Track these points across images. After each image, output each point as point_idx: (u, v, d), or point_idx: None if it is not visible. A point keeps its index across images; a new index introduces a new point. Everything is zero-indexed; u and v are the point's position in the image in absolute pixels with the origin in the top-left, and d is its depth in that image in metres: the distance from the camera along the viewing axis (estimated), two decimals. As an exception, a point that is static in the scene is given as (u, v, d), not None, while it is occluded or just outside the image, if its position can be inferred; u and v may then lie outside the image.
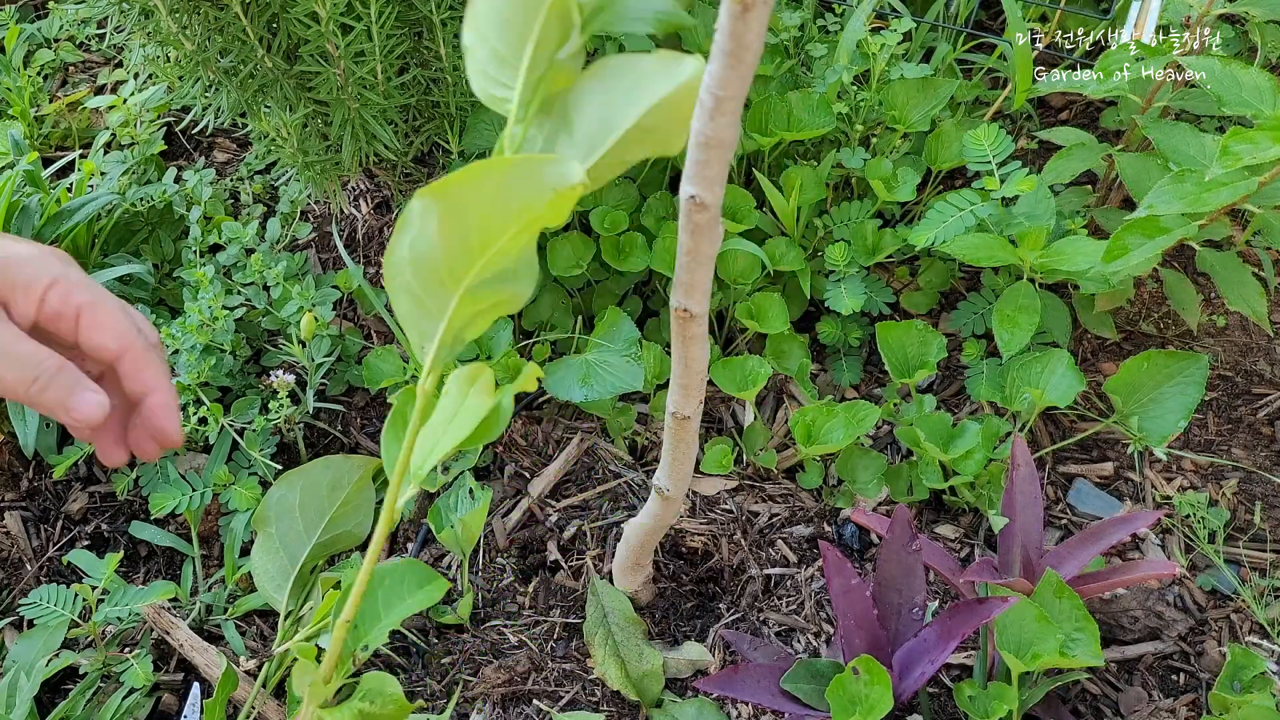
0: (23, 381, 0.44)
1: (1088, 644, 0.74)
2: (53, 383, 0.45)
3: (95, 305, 0.46)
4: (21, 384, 0.44)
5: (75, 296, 0.46)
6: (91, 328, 0.47)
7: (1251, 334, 1.18)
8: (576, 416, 1.16)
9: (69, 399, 0.45)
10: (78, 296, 0.46)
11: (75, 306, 0.46)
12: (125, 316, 0.48)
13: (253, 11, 0.96)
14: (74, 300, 0.46)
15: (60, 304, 0.46)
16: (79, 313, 0.46)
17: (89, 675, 0.93)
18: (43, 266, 0.46)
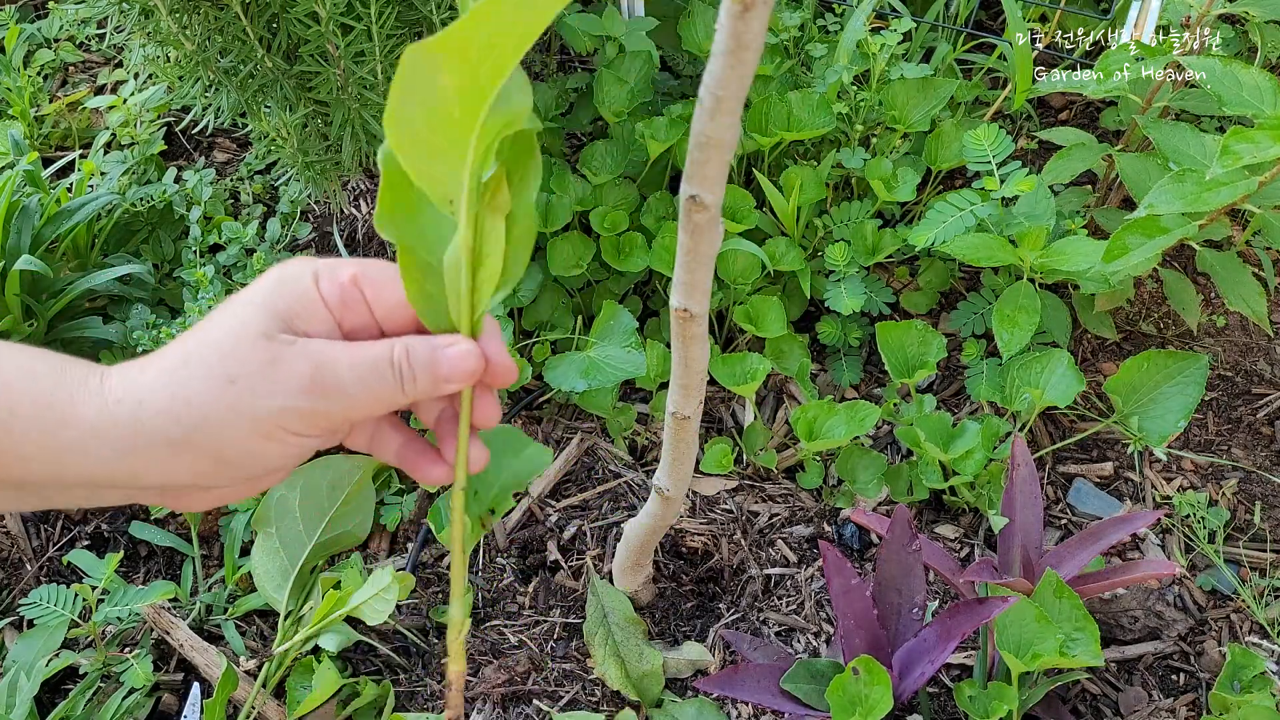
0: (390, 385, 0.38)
1: (1087, 644, 0.74)
2: (415, 365, 0.39)
3: (364, 268, 0.40)
4: (391, 389, 0.38)
5: (342, 273, 0.40)
6: (379, 293, 0.40)
7: (1251, 334, 1.18)
8: (576, 416, 1.16)
9: (439, 369, 0.39)
10: (344, 272, 0.40)
11: (350, 279, 0.40)
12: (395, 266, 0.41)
13: (253, 11, 0.96)
14: (343, 277, 0.39)
15: (337, 290, 0.39)
16: (358, 285, 0.40)
17: (89, 675, 0.93)
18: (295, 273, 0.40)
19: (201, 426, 0.37)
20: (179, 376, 0.37)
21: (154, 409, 0.37)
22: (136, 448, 0.37)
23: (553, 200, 1.10)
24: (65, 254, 1.18)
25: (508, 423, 1.15)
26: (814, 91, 1.09)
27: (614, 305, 1.04)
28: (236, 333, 0.37)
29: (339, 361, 0.38)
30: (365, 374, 0.38)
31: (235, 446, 0.37)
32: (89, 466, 0.37)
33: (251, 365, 0.37)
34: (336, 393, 0.38)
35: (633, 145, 1.14)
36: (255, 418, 0.37)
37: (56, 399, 0.37)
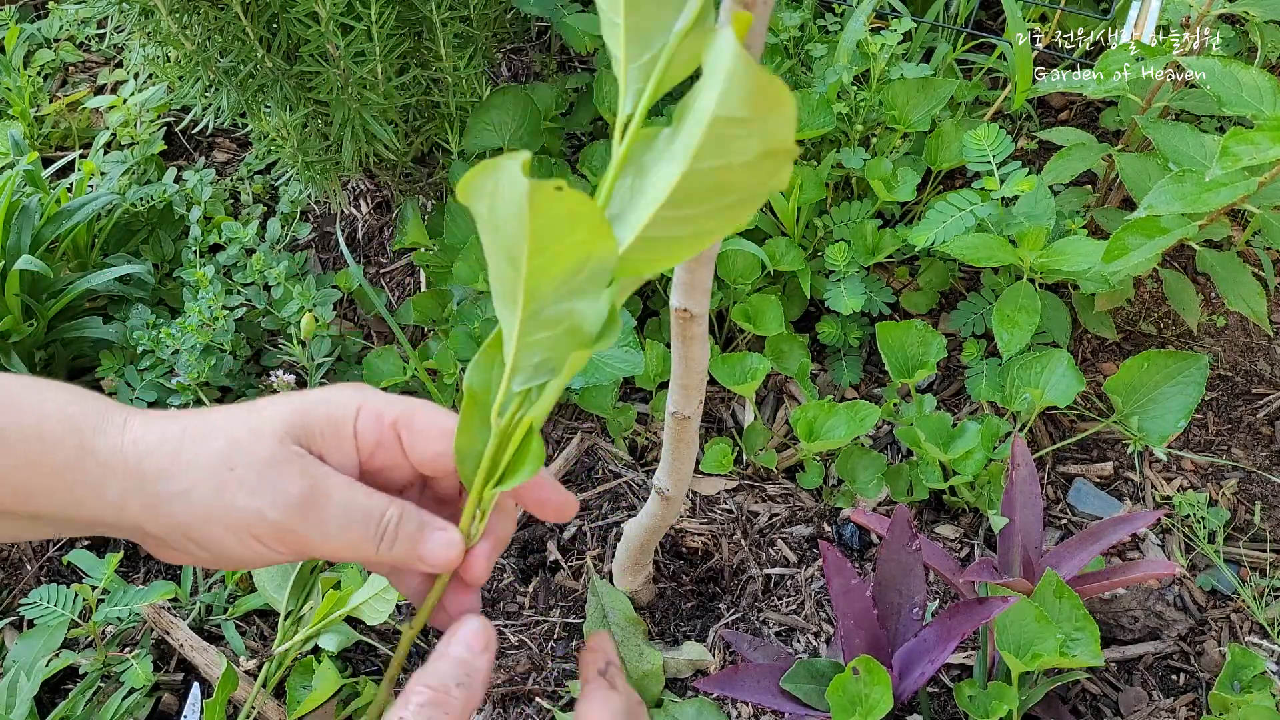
0: (368, 540, 0.39)
1: (1087, 644, 0.74)
2: (399, 533, 0.39)
3: (410, 414, 0.40)
4: (367, 543, 0.39)
5: (387, 415, 0.40)
6: (416, 441, 0.40)
7: (1251, 334, 1.18)
8: (576, 416, 1.16)
9: (419, 548, 0.39)
10: (389, 413, 0.40)
11: (391, 425, 0.40)
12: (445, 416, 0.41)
13: (253, 11, 0.96)
14: (387, 419, 0.40)
15: (375, 429, 0.40)
16: (397, 430, 0.40)
17: (89, 675, 0.93)
18: (340, 399, 0.40)
19: (184, 496, 0.37)
20: (193, 442, 0.38)
21: (156, 463, 0.38)
22: (132, 491, 0.38)
23: (553, 200, 1.09)
24: (65, 254, 1.18)
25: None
26: (814, 91, 1.09)
27: (613, 305, 1.03)
28: (259, 427, 0.38)
29: (334, 493, 0.38)
30: (350, 520, 0.38)
31: (204, 530, 0.38)
32: (98, 504, 0.38)
33: (254, 461, 0.37)
34: (315, 523, 0.38)
35: (633, 145, 1.14)
36: (232, 511, 0.37)
37: (84, 431, 0.38)
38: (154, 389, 1.07)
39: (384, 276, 1.31)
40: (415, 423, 0.40)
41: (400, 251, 1.31)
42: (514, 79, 1.43)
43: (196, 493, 0.37)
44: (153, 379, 1.06)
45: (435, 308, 1.12)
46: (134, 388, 1.07)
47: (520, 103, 1.13)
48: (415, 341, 1.21)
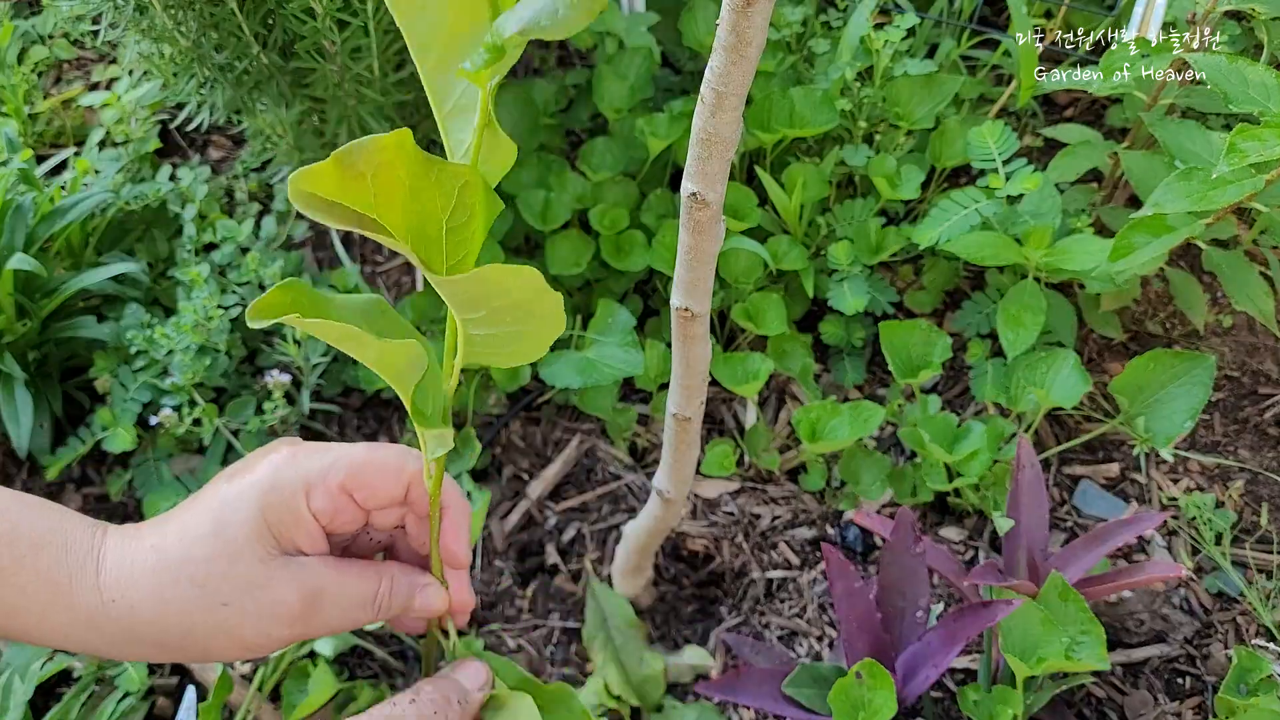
0: (368, 617, 0.42)
1: (1093, 647, 0.73)
2: (394, 603, 0.43)
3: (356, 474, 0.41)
4: (368, 619, 0.42)
5: (333, 483, 0.41)
6: (368, 495, 0.42)
7: (1258, 334, 1.17)
8: (576, 417, 1.15)
9: (414, 605, 0.44)
10: (334, 481, 0.41)
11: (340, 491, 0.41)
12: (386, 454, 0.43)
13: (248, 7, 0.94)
14: (334, 488, 0.41)
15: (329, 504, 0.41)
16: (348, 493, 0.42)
17: (83, 679, 0.92)
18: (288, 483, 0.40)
19: (189, 637, 0.39)
20: (172, 589, 0.39)
21: (146, 617, 0.39)
22: (129, 643, 0.39)
23: (551, 198, 1.08)
24: (59, 253, 1.17)
25: (506, 423, 1.14)
26: (817, 88, 1.08)
27: (611, 303, 1.02)
28: (230, 557, 0.39)
29: (329, 594, 0.40)
30: (349, 606, 0.41)
31: (220, 654, 0.40)
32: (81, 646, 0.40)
33: (245, 594, 0.39)
34: (318, 620, 0.41)
35: (633, 142, 1.13)
36: (242, 638, 0.39)
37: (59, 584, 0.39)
38: (148, 390, 1.06)
39: (380, 276, 1.30)
40: (361, 479, 0.41)
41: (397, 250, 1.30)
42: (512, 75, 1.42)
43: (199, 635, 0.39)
44: (146, 380, 1.05)
45: (432, 307, 1.11)
46: (128, 388, 1.06)
47: (518, 99, 1.11)
48: (413, 341, 1.20)
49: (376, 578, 0.42)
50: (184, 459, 1.10)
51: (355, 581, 0.42)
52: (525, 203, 1.07)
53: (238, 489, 0.40)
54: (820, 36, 1.19)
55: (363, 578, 0.42)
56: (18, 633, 0.39)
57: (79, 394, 1.13)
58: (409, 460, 0.43)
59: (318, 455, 0.41)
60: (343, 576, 0.41)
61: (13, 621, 0.39)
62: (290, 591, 0.40)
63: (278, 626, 0.40)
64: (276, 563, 0.39)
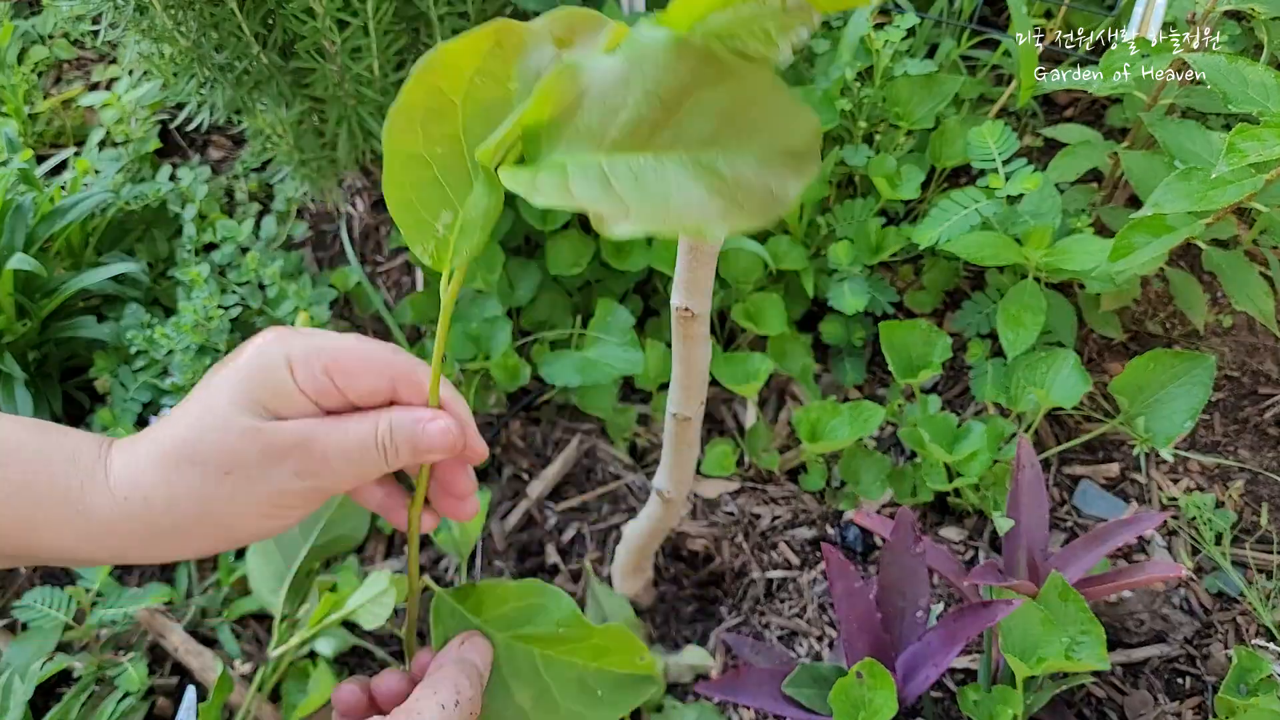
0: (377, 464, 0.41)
1: (1093, 647, 0.73)
2: (398, 442, 0.41)
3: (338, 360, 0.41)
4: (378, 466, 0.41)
5: (316, 364, 0.40)
6: (350, 383, 0.41)
7: (1258, 334, 1.17)
8: (576, 417, 1.15)
9: (421, 444, 0.41)
10: (318, 363, 0.41)
11: (323, 371, 0.41)
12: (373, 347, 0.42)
13: (248, 7, 0.94)
14: (318, 369, 0.41)
15: (312, 380, 0.41)
16: (330, 376, 0.41)
17: (83, 679, 0.92)
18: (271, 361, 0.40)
19: (206, 516, 0.39)
20: (177, 473, 0.39)
21: (160, 508, 0.39)
22: (148, 538, 0.40)
23: (552, 198, 1.08)
24: (59, 253, 1.17)
25: (506, 423, 1.14)
26: (817, 88, 1.08)
27: (611, 303, 1.02)
28: (223, 427, 0.39)
29: (326, 443, 0.40)
30: (352, 453, 0.40)
31: (240, 527, 0.40)
32: (107, 554, 0.40)
33: (244, 457, 0.39)
34: (326, 473, 0.40)
35: (633, 143, 1.12)
36: (255, 502, 0.40)
37: (71, 490, 0.39)
38: (148, 390, 1.06)
39: (380, 275, 1.30)
40: (345, 366, 0.41)
41: (397, 250, 1.30)
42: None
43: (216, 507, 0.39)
44: (146, 380, 1.05)
45: (432, 307, 1.11)
46: (128, 388, 1.06)
47: (519, 100, 1.11)
48: (412, 341, 1.20)
49: (373, 419, 0.41)
50: (184, 459, 1.10)
51: (351, 425, 0.41)
52: (525, 202, 1.07)
53: (223, 373, 0.41)
54: (820, 36, 1.19)
55: (358, 420, 0.41)
56: (38, 549, 0.39)
57: (79, 394, 1.13)
58: (398, 357, 0.42)
59: (302, 337, 0.41)
60: (336, 422, 0.41)
61: (31, 537, 0.39)
62: (289, 448, 0.39)
63: (285, 481, 0.39)
64: (269, 426, 0.40)
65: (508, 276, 1.10)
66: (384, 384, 0.42)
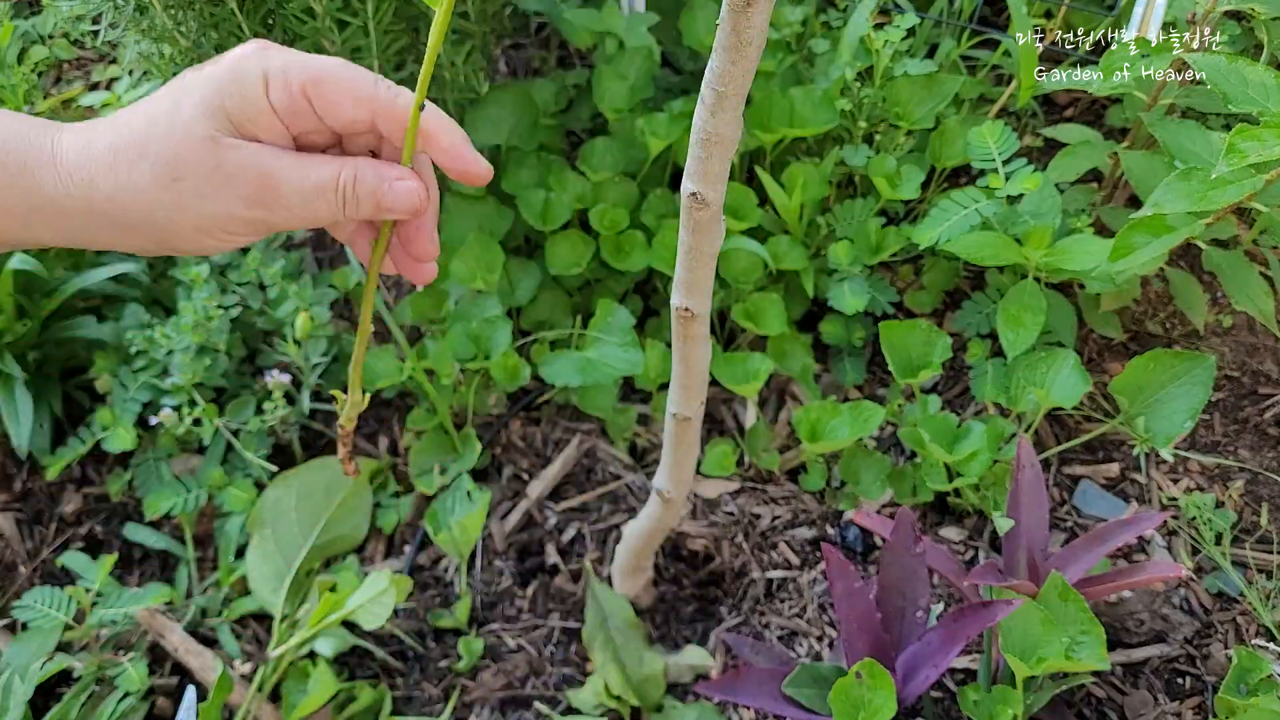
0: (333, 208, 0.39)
1: (1093, 647, 0.73)
2: (360, 192, 0.40)
3: (318, 78, 0.39)
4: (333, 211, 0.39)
5: (294, 82, 0.39)
6: (329, 107, 0.39)
7: (1258, 334, 1.17)
8: (576, 417, 1.15)
9: (384, 201, 0.40)
10: (296, 80, 0.39)
11: (300, 92, 0.39)
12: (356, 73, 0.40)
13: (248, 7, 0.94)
14: (295, 87, 0.39)
15: (287, 99, 0.39)
16: (307, 96, 0.39)
17: (83, 679, 0.92)
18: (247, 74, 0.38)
19: (146, 219, 0.39)
20: (127, 166, 0.38)
21: (104, 194, 0.38)
22: (90, 226, 0.39)
23: (551, 198, 1.08)
24: (59, 253, 1.17)
25: (506, 423, 1.14)
26: (817, 88, 1.08)
27: (610, 303, 1.02)
28: (183, 131, 0.38)
29: (285, 177, 0.39)
30: (310, 194, 0.39)
31: (177, 239, 0.39)
32: (51, 234, 0.40)
33: (197, 168, 0.38)
34: (279, 206, 0.39)
35: (633, 142, 1.13)
36: (199, 217, 0.39)
37: (18, 165, 0.38)
38: (148, 390, 1.06)
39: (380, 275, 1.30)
40: (324, 87, 0.40)
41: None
42: (512, 75, 1.42)
43: (159, 214, 0.38)
44: (146, 379, 1.05)
45: (432, 307, 1.11)
46: (128, 388, 1.06)
47: (519, 99, 1.11)
48: (412, 341, 1.20)
49: (339, 164, 0.40)
50: (184, 459, 1.10)
51: (314, 164, 0.39)
52: (525, 203, 1.07)
53: (199, 75, 0.39)
54: (820, 36, 1.19)
55: (323, 162, 0.40)
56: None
57: (79, 394, 1.13)
58: (380, 89, 0.40)
59: (284, 53, 0.39)
60: (300, 159, 0.39)
61: None
62: (246, 171, 0.38)
63: (234, 205, 0.38)
64: (230, 142, 0.38)
65: (508, 276, 1.10)
66: (363, 115, 0.40)
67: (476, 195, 1.09)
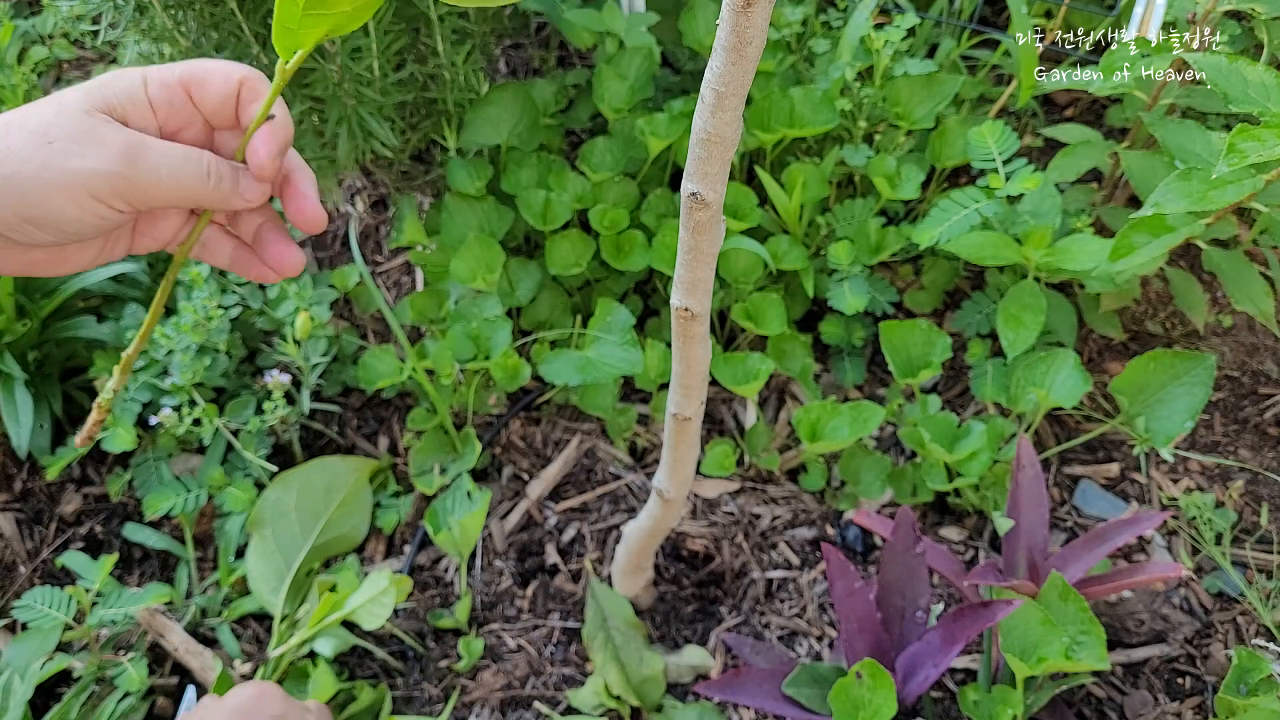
0: (199, 179, 0.43)
1: (1093, 647, 0.73)
2: (223, 170, 0.44)
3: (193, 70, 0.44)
4: (199, 181, 0.43)
5: (172, 77, 0.44)
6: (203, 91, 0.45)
7: (1258, 334, 1.17)
8: (575, 417, 1.15)
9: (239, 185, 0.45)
10: (173, 75, 0.44)
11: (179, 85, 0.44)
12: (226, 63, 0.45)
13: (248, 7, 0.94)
14: (173, 81, 0.44)
15: (165, 93, 0.44)
16: (186, 89, 0.44)
17: (83, 679, 0.92)
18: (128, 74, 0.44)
19: (13, 179, 0.40)
20: (4, 132, 0.41)
21: None
22: None
23: (551, 198, 1.08)
24: (59, 253, 1.17)
25: (506, 423, 1.14)
26: (817, 88, 1.08)
27: (610, 303, 1.02)
28: (59, 106, 0.41)
29: (153, 144, 0.42)
30: (177, 161, 0.43)
31: (42, 205, 0.40)
32: None
33: (70, 131, 0.40)
34: (146, 169, 0.42)
35: (633, 142, 1.13)
36: (65, 175, 0.40)
37: None
38: (148, 390, 1.06)
39: (380, 275, 1.30)
40: (200, 76, 0.44)
41: (397, 250, 1.30)
42: (513, 75, 1.42)
43: (26, 171, 0.40)
44: (146, 380, 1.05)
45: (432, 306, 1.11)
46: (128, 388, 1.06)
47: (519, 99, 1.11)
48: (413, 340, 1.20)
49: (201, 150, 0.44)
50: (184, 459, 1.10)
51: (181, 145, 0.43)
52: (525, 203, 1.07)
53: (85, 83, 0.44)
54: (820, 36, 1.19)
55: (193, 149, 0.44)
56: None
57: (79, 394, 1.13)
58: (245, 70, 0.45)
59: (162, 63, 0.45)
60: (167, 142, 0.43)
61: None
62: (116, 135, 0.41)
63: (103, 162, 0.40)
64: (104, 118, 0.42)
65: (508, 276, 1.10)
66: (229, 89, 0.45)
67: (477, 195, 1.09)
